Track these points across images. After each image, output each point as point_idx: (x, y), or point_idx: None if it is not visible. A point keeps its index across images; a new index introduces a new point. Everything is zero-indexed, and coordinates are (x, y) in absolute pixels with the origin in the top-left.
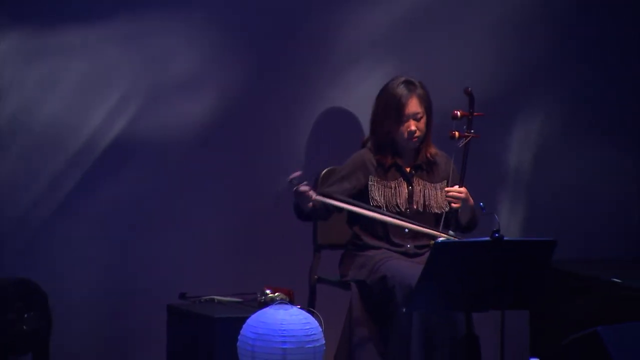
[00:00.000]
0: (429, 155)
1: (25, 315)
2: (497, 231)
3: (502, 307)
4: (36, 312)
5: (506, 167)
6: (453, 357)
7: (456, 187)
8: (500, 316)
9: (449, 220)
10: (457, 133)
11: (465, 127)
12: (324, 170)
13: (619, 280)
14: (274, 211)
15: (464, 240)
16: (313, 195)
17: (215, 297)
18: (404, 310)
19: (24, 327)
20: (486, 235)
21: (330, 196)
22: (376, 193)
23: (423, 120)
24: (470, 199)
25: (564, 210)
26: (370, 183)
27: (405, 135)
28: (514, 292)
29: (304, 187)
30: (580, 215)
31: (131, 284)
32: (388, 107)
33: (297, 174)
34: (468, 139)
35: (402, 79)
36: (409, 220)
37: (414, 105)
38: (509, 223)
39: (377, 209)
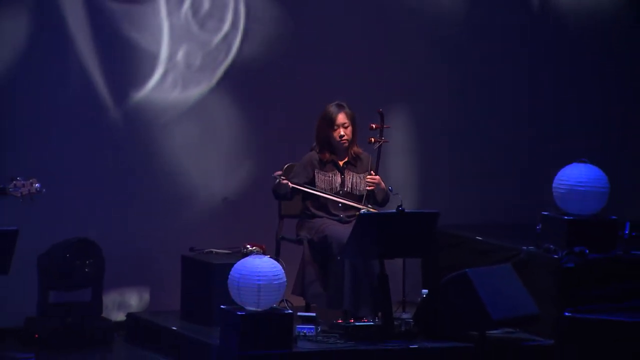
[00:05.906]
0: (353, 153)
1: (87, 262)
2: (401, 206)
3: (403, 256)
4: (94, 260)
5: (409, 160)
6: (371, 290)
7: (372, 176)
8: (402, 262)
9: (369, 197)
10: (373, 139)
11: (378, 135)
12: (286, 165)
13: (481, 238)
14: (255, 189)
15: (379, 212)
16: (289, 184)
17: (213, 249)
18: (339, 258)
19: (86, 270)
20: (393, 209)
21: (300, 185)
22: (319, 181)
23: (350, 128)
24: (382, 183)
25: (447, 189)
26: (315, 174)
27: (337, 138)
28: (412, 246)
29: (284, 180)
30: (457, 193)
31: (157, 240)
32: (325, 120)
33: (279, 172)
34: (380, 143)
35: (336, 102)
36: (343, 198)
37: (341, 118)
38: (410, 200)
39: (324, 191)
